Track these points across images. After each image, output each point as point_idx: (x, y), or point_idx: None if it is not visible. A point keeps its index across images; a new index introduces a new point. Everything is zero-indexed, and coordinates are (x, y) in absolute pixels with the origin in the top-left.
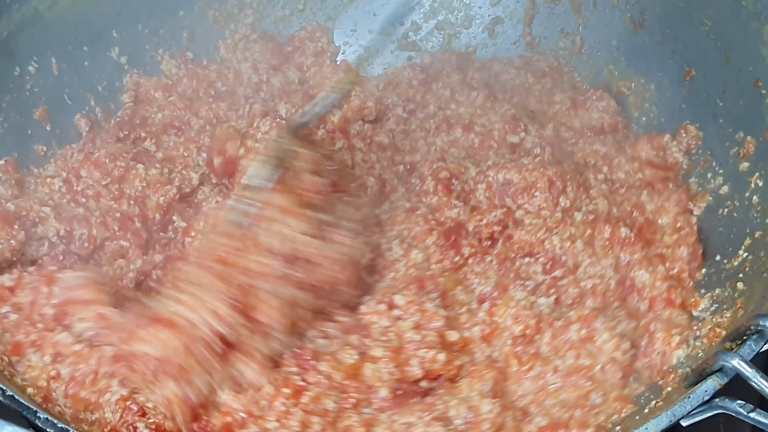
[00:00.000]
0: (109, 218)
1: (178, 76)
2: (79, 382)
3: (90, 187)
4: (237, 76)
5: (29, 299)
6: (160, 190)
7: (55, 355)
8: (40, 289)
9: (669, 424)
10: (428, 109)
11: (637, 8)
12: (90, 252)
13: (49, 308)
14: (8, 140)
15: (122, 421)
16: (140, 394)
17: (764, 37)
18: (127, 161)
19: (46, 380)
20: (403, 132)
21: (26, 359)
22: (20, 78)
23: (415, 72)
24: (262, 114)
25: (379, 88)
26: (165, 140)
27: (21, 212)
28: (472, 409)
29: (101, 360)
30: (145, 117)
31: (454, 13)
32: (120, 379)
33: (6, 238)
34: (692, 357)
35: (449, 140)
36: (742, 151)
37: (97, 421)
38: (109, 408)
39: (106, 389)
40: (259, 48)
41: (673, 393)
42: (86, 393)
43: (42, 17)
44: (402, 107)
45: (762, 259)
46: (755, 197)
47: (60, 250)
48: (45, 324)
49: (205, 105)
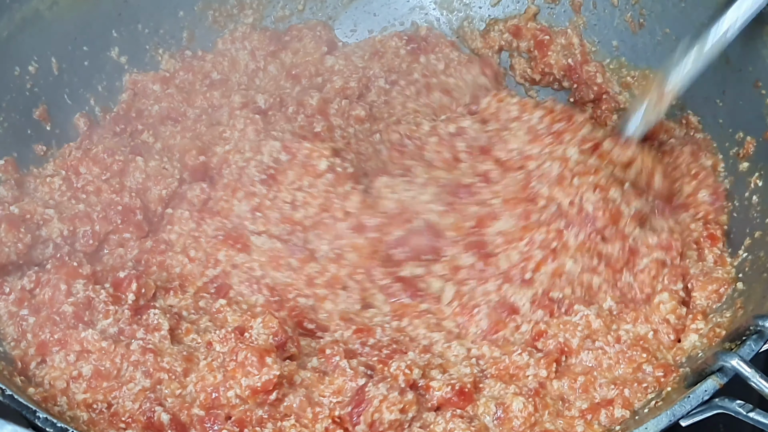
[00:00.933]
0: (111, 211)
1: (175, 69)
2: (104, 376)
3: (90, 183)
4: (233, 63)
5: (48, 297)
6: (162, 183)
7: (80, 353)
8: (59, 286)
9: (668, 424)
10: (412, 76)
11: (636, 8)
12: (95, 249)
13: (68, 306)
14: (8, 140)
15: (140, 409)
16: (162, 385)
17: (764, 36)
18: (126, 155)
19: (66, 381)
20: (385, 102)
21: (50, 360)
22: (20, 78)
23: (403, 42)
24: (240, 106)
25: (364, 58)
26: (162, 131)
27: (25, 215)
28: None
29: (126, 354)
30: (141, 110)
31: (454, 13)
32: (144, 370)
33: (13, 241)
34: (692, 357)
35: (424, 103)
36: (742, 151)
37: (115, 413)
38: (129, 398)
39: (130, 380)
40: (257, 36)
41: (672, 393)
42: (108, 384)
43: (42, 17)
44: (384, 78)
45: (762, 259)
46: (755, 197)
47: (65, 251)
48: (66, 322)
49: (200, 95)
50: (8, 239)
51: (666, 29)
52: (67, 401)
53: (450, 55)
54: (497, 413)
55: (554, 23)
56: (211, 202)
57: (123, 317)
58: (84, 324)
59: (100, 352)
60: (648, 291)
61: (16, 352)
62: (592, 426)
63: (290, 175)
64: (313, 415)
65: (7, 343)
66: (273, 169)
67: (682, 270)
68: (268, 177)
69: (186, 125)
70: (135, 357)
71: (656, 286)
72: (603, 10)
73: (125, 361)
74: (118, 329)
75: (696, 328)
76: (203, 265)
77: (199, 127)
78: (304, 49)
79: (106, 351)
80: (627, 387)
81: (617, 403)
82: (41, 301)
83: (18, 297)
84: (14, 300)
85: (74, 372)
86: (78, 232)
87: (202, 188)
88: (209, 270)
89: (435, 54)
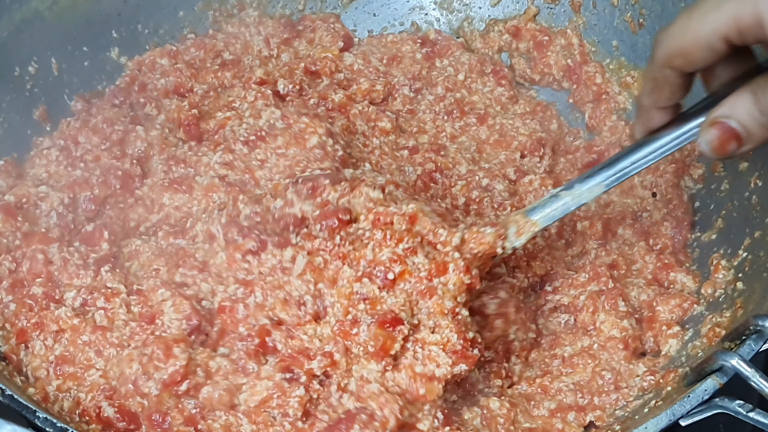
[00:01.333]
0: (110, 176)
1: (185, 46)
2: (69, 360)
3: (89, 152)
4: (245, 46)
5: (27, 268)
6: (166, 152)
7: (56, 333)
8: (36, 256)
9: (668, 424)
10: (436, 89)
11: (636, 8)
12: (95, 213)
13: (37, 287)
14: (8, 140)
15: (93, 402)
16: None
17: None
18: (126, 124)
19: (46, 368)
20: (410, 112)
21: (31, 345)
22: (20, 78)
23: (417, 45)
24: (258, 81)
25: (382, 62)
26: (167, 104)
27: (21, 200)
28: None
29: (92, 330)
30: (145, 83)
31: (454, 13)
32: (96, 349)
33: (11, 231)
34: (691, 356)
35: (459, 126)
36: None
37: (76, 403)
38: (84, 389)
39: (88, 364)
40: (271, 23)
41: (672, 392)
42: (73, 368)
43: (42, 17)
44: (409, 87)
45: (762, 258)
46: (755, 197)
47: (70, 219)
48: (39, 304)
49: (211, 73)
50: (6, 228)
51: None
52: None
53: (461, 58)
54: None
55: (554, 23)
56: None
57: (83, 284)
58: (55, 303)
59: (72, 330)
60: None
61: (5, 348)
62: (571, 425)
63: (279, 140)
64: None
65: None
66: (264, 132)
67: (618, 291)
68: (257, 138)
69: (193, 100)
70: (86, 336)
71: (597, 317)
72: (603, 10)
73: (84, 343)
74: (81, 300)
75: (673, 333)
76: (149, 210)
77: (206, 103)
78: (320, 42)
79: (77, 328)
80: (595, 395)
81: (589, 409)
82: (22, 278)
83: (10, 283)
84: (8, 287)
85: (50, 356)
86: (79, 198)
87: (190, 146)
88: (153, 215)
89: (447, 58)
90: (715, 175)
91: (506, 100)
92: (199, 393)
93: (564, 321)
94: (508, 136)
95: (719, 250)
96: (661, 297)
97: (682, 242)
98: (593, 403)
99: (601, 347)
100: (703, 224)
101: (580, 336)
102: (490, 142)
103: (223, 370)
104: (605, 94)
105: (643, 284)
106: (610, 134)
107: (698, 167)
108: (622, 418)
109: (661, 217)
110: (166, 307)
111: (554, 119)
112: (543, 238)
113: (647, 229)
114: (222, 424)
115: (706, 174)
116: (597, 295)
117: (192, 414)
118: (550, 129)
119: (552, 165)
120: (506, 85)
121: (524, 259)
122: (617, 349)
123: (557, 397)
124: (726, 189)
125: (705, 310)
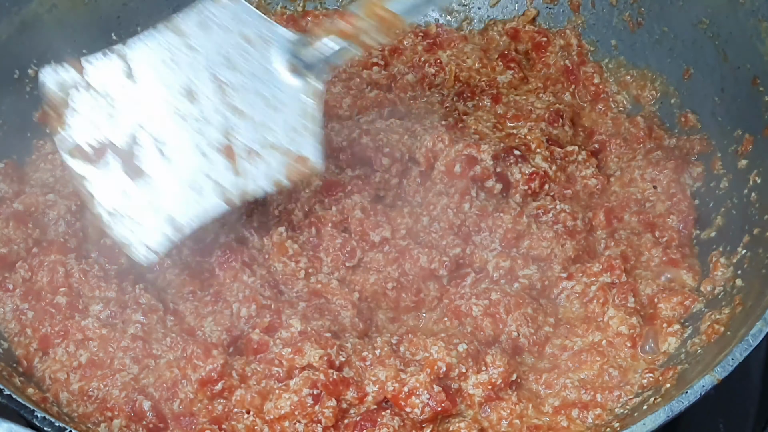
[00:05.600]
0: None
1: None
2: (98, 365)
3: None
4: None
5: (47, 281)
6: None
7: (80, 342)
8: (57, 269)
9: (666, 420)
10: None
11: (635, 7)
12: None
13: (61, 297)
14: (8, 143)
15: (126, 398)
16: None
17: (762, 34)
18: None
19: (66, 372)
20: (412, 98)
21: (52, 352)
22: (20, 81)
23: (419, 38)
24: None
25: (383, 54)
26: None
27: (30, 209)
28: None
29: (120, 340)
30: None
31: (453, 14)
32: (132, 356)
33: (22, 237)
34: (691, 354)
35: (473, 105)
36: (741, 148)
37: (102, 399)
38: (116, 387)
39: (121, 368)
40: (274, 20)
41: (671, 390)
42: (101, 372)
43: (41, 20)
44: (413, 74)
45: (760, 255)
46: (753, 194)
47: (78, 227)
48: (62, 314)
49: None
50: (17, 236)
51: (664, 28)
52: (68, 395)
53: (464, 49)
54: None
55: (553, 23)
56: None
57: (109, 297)
58: (79, 313)
59: (101, 339)
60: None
61: (20, 352)
62: (575, 422)
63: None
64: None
65: (9, 342)
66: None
67: (630, 286)
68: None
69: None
70: (125, 343)
71: (606, 310)
72: (601, 10)
73: (119, 349)
74: (110, 312)
75: (673, 331)
76: None
77: None
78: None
79: (106, 338)
80: (598, 392)
81: (591, 406)
82: (40, 288)
83: (23, 291)
84: (21, 294)
85: (74, 362)
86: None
87: None
88: None
89: (450, 49)
90: (715, 173)
91: (518, 81)
92: (232, 395)
93: (576, 309)
94: (525, 110)
95: (718, 247)
96: (663, 294)
97: (687, 236)
98: (596, 400)
99: (608, 343)
100: (703, 222)
101: (593, 330)
102: (509, 117)
103: (257, 375)
104: (604, 93)
105: (650, 277)
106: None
107: (697, 165)
108: (621, 415)
109: (665, 210)
110: (207, 321)
111: (567, 91)
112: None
113: (653, 220)
114: (247, 425)
115: (705, 172)
116: (608, 287)
117: (218, 414)
118: (564, 100)
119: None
120: (515, 68)
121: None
122: (624, 346)
123: (561, 393)
124: (725, 186)
125: (704, 308)
